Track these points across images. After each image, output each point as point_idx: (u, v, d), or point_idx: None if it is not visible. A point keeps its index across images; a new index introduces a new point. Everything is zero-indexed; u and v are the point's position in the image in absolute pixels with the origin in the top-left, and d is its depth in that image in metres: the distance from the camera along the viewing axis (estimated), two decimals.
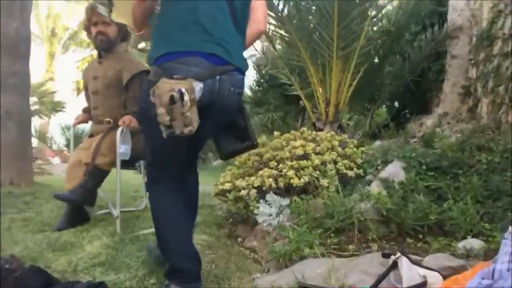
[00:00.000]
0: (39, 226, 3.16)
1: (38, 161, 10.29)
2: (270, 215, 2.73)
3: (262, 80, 9.15)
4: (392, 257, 1.96)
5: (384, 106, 7.31)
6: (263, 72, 8.58)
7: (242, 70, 2.00)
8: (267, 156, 3.27)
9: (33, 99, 11.79)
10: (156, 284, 2.16)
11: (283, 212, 2.72)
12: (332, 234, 2.56)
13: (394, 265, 1.94)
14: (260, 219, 2.77)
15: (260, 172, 3.12)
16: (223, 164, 6.81)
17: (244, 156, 3.47)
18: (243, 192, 3.12)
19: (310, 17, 4.10)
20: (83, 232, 3.02)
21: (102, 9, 2.71)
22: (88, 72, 3.47)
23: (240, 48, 2.04)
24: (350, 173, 3.17)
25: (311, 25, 4.01)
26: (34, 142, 11.04)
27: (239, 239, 3.18)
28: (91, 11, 3.27)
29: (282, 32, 4.26)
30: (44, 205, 3.70)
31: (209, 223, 3.55)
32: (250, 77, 9.90)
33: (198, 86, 1.81)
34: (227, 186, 3.30)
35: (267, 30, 4.40)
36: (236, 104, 2.04)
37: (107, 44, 3.34)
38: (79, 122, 3.52)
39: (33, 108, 10.37)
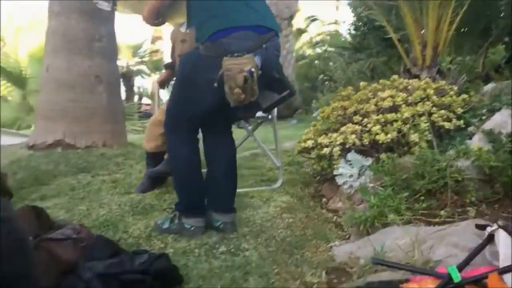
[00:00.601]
0: (126, 188, 3.23)
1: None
2: (351, 176, 2.49)
3: (360, 23, 8.58)
4: (488, 229, 1.65)
5: (501, 43, 6.46)
6: (360, 14, 8.00)
7: (278, 33, 2.21)
8: (351, 110, 2.98)
9: (135, 60, 12.32)
10: (225, 253, 2.07)
11: (366, 172, 2.46)
12: (421, 198, 2.26)
13: (491, 239, 1.64)
14: (340, 180, 2.54)
15: (343, 128, 2.86)
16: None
17: (327, 110, 3.22)
18: (326, 150, 2.90)
19: None
20: (166, 195, 3.03)
21: (104, 5, 2.56)
22: (176, 34, 3.37)
23: (270, 11, 2.27)
24: (448, 125, 2.78)
25: None
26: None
27: (324, 200, 2.99)
28: None
29: None
30: (134, 166, 3.79)
31: (295, 182, 3.40)
32: (348, 21, 9.36)
33: (259, 60, 2.02)
34: (309, 143, 3.10)
35: None
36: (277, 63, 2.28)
37: None
38: (163, 80, 3.45)
39: (135, 68, 10.81)
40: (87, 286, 1.66)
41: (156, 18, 2.35)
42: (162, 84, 3.42)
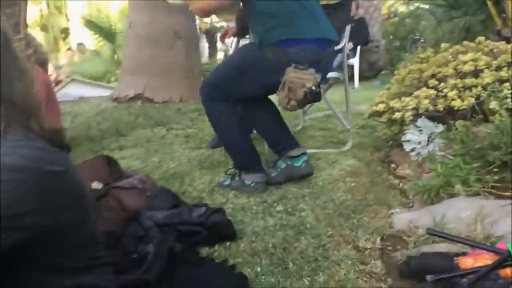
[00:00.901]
0: (197, 143, 3.35)
1: None
2: (419, 143, 2.38)
3: None
4: None
5: None
6: None
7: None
8: (428, 74, 2.82)
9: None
10: (282, 212, 2.10)
11: (435, 140, 2.34)
12: (495, 169, 2.12)
13: None
14: (407, 147, 2.45)
15: (416, 92, 2.72)
16: None
17: (403, 72, 3.07)
18: (397, 115, 2.79)
19: None
20: None
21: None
22: None
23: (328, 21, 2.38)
24: None
25: None
26: None
27: (393, 166, 2.90)
28: None
29: None
30: (207, 122, 3.88)
31: (365, 146, 3.32)
32: None
33: (319, 77, 2.20)
34: (381, 107, 2.99)
35: None
36: None
37: None
38: (224, 34, 3.34)
39: (218, 25, 10.89)
40: (147, 233, 1.77)
41: (211, 14, 2.44)
42: (223, 36, 3.36)
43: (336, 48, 3.22)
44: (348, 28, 3.19)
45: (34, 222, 0.94)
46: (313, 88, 2.11)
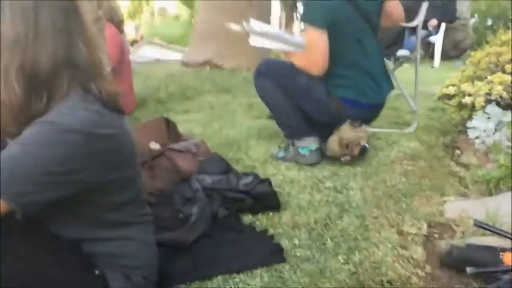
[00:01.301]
0: (259, 112, 3.37)
1: None
2: (485, 130, 2.26)
3: None
4: None
5: None
6: None
7: None
8: (506, 58, 2.64)
9: None
10: (330, 189, 2.09)
11: (502, 129, 2.21)
12: None
13: None
14: (472, 134, 2.33)
15: (490, 77, 2.56)
16: None
17: (479, 54, 2.89)
18: (467, 99, 2.65)
19: None
20: None
21: (235, 27, 2.49)
22: None
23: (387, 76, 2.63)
24: None
25: None
26: None
27: (457, 152, 2.78)
28: None
29: None
30: None
31: (431, 129, 3.19)
32: None
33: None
34: (451, 90, 2.85)
35: None
36: None
37: None
38: None
39: None
40: (194, 195, 1.84)
41: None
42: None
43: (411, 25, 3.11)
44: (425, 4, 3.03)
45: (84, 179, 1.01)
46: (367, 146, 2.35)
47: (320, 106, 2.43)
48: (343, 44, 2.37)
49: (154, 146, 2.17)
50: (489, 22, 11.44)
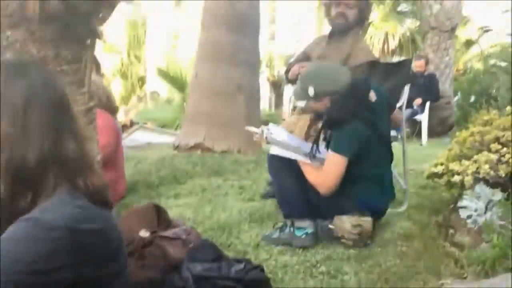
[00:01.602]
0: (251, 195, 3.36)
1: None
2: (476, 210, 2.26)
3: None
4: None
5: None
6: None
7: None
8: (490, 137, 2.70)
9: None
10: (324, 274, 2.04)
11: (493, 208, 2.21)
12: None
13: None
14: (463, 213, 2.32)
15: (476, 156, 2.61)
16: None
17: (464, 134, 2.96)
18: (456, 178, 2.68)
19: None
20: None
21: (254, 129, 2.74)
22: (313, 48, 3.39)
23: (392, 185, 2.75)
24: None
25: None
26: None
27: (451, 231, 2.76)
28: None
29: None
30: (263, 174, 3.91)
31: (423, 207, 3.19)
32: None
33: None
34: (440, 168, 2.89)
35: None
36: None
37: (344, 26, 3.17)
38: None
39: None
40: (184, 285, 1.79)
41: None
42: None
43: (396, 106, 3.20)
44: (407, 87, 3.15)
45: (68, 276, 0.98)
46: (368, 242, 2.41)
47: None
48: (362, 161, 2.47)
49: (144, 233, 2.13)
50: (472, 99, 11.83)
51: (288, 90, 3.33)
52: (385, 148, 2.64)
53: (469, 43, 16.02)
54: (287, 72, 3.35)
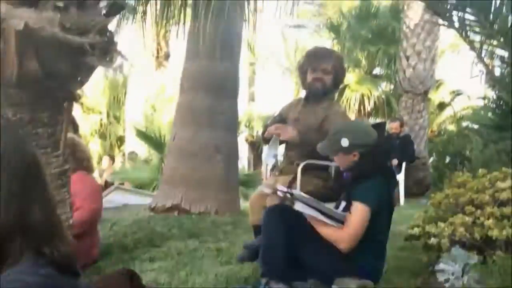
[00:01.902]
0: (227, 258, 3.29)
1: None
2: (453, 273, 2.25)
3: (501, 102, 7.97)
4: None
5: None
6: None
7: None
8: (464, 200, 2.74)
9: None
10: None
11: (469, 272, 2.21)
12: None
13: None
14: (441, 277, 2.31)
15: (452, 219, 2.63)
16: None
17: (439, 196, 3.00)
18: (433, 241, 2.68)
19: None
20: None
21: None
22: (288, 111, 3.44)
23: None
24: None
25: None
26: None
27: None
28: (314, 56, 3.29)
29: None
30: (241, 235, 3.87)
31: (402, 271, 3.15)
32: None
33: None
34: (416, 231, 2.90)
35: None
36: None
37: (321, 91, 3.22)
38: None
39: None
40: None
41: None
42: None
43: None
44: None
45: None
46: None
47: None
48: (374, 222, 2.48)
49: None
50: (447, 159, 12.09)
51: (265, 152, 3.38)
52: (390, 212, 2.69)
53: (442, 106, 16.57)
54: (263, 133, 3.39)
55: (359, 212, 2.44)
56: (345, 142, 2.55)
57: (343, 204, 2.53)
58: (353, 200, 2.47)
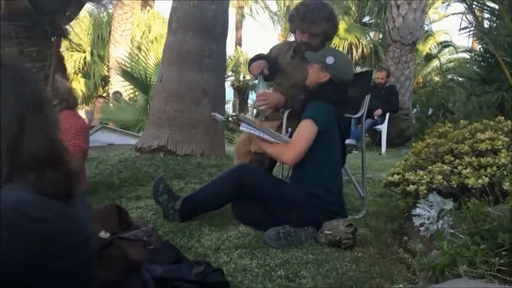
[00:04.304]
0: None
1: None
2: (429, 218, 2.36)
3: (487, 55, 8.00)
4: None
5: None
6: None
7: None
8: (444, 149, 2.82)
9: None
10: (282, 277, 2.09)
11: (445, 217, 2.31)
12: (503, 252, 2.07)
13: None
14: (417, 221, 2.42)
15: (430, 167, 2.72)
16: None
17: (420, 145, 3.08)
18: (411, 188, 2.79)
19: None
20: None
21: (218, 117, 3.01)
22: (279, 54, 3.36)
23: None
24: None
25: None
26: None
27: (405, 238, 2.86)
28: (303, 18, 3.12)
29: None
30: None
31: (379, 215, 3.29)
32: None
33: None
34: (396, 178, 2.99)
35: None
36: None
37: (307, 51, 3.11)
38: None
39: (251, 82, 11.12)
40: (143, 286, 1.79)
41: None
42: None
43: (356, 116, 3.29)
44: (367, 98, 3.24)
45: (12, 263, 0.98)
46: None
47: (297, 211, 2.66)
48: (328, 150, 2.73)
49: (104, 234, 2.12)
50: (430, 111, 12.23)
51: (253, 96, 3.33)
52: (342, 142, 2.94)
53: (429, 57, 16.54)
54: (252, 60, 3.36)
55: (303, 127, 2.66)
56: (330, 60, 2.80)
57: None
58: (301, 120, 2.69)
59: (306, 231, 2.61)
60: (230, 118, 2.85)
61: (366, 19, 14.61)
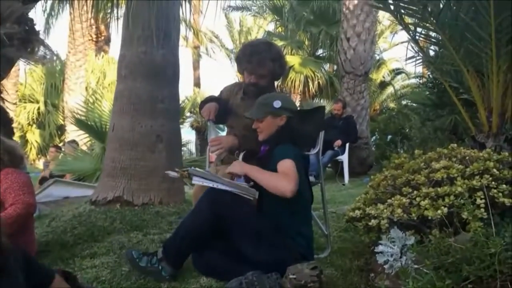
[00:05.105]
0: None
1: None
2: (392, 255, 2.30)
3: (437, 81, 8.27)
4: None
5: None
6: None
7: None
8: (401, 181, 2.81)
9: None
10: None
11: (407, 253, 2.26)
12: (469, 285, 2.03)
13: None
14: (380, 259, 2.36)
15: (390, 200, 2.69)
16: None
17: (378, 178, 3.07)
18: (373, 222, 2.74)
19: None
20: None
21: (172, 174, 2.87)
22: (229, 95, 3.32)
23: None
24: (509, 202, 2.52)
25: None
26: None
27: (372, 275, 2.79)
28: (249, 60, 3.09)
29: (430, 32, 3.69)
30: None
31: (345, 252, 3.23)
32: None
33: None
34: (357, 213, 2.95)
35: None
36: None
37: (257, 94, 3.05)
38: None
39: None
40: None
41: None
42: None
43: (312, 153, 3.26)
44: (321, 133, 3.22)
45: None
46: None
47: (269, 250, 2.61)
48: (300, 192, 2.57)
49: None
50: (388, 138, 12.46)
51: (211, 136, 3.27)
52: (308, 181, 2.91)
53: (383, 85, 17.01)
54: (203, 103, 3.30)
55: (285, 164, 2.57)
56: (277, 104, 2.77)
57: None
58: (277, 162, 2.60)
59: (270, 278, 2.50)
60: (180, 174, 2.75)
61: (320, 52, 14.95)
